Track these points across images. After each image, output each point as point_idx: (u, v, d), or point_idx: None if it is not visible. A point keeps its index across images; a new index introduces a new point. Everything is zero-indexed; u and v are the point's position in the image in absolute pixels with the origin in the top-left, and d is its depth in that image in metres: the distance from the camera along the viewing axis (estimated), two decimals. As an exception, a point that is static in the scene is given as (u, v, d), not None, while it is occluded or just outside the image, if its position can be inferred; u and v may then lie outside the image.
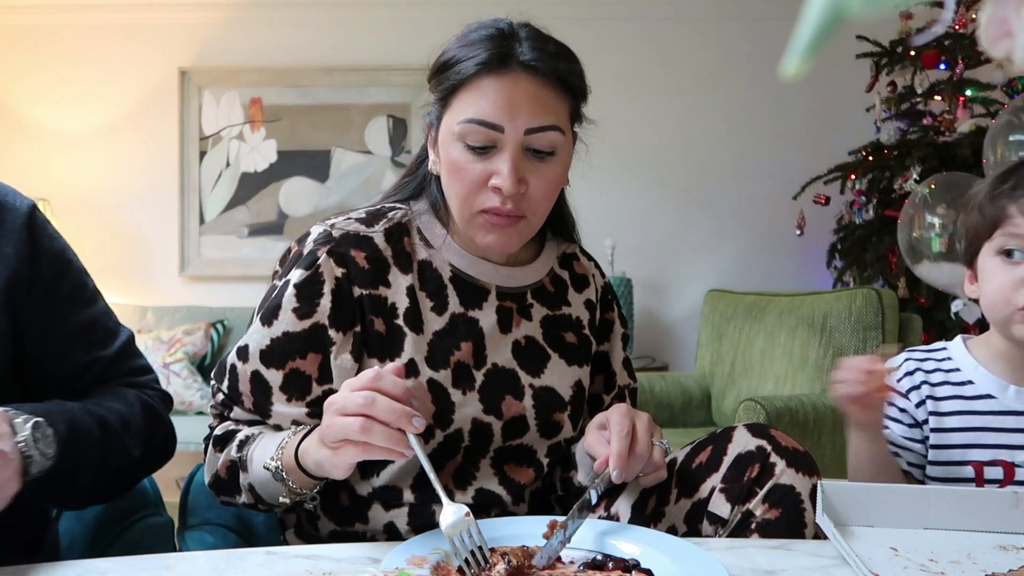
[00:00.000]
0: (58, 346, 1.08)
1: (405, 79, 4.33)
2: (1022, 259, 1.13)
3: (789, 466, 1.04)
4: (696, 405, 3.61)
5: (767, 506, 1.03)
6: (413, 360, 1.12)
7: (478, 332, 1.16)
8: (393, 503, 1.13)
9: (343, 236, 1.12)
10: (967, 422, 1.21)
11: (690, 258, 4.39)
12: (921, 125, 3.47)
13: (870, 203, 3.55)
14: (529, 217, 1.10)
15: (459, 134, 1.08)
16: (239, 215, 4.45)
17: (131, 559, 0.93)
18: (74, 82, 4.39)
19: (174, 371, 3.82)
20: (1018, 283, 1.13)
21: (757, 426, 1.09)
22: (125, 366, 1.14)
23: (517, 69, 1.06)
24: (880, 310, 2.96)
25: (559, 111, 1.09)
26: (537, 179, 1.08)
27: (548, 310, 1.23)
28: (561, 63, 1.09)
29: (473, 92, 1.07)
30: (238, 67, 4.42)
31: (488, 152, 1.07)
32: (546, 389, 1.19)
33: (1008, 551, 0.96)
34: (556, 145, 1.09)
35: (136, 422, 1.08)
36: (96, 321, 1.12)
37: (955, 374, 1.24)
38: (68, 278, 1.10)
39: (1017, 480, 1.18)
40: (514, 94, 1.06)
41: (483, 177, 1.07)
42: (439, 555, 0.89)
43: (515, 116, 1.05)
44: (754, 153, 4.35)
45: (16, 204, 1.06)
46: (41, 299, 1.06)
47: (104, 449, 1.02)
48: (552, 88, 1.08)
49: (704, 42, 4.36)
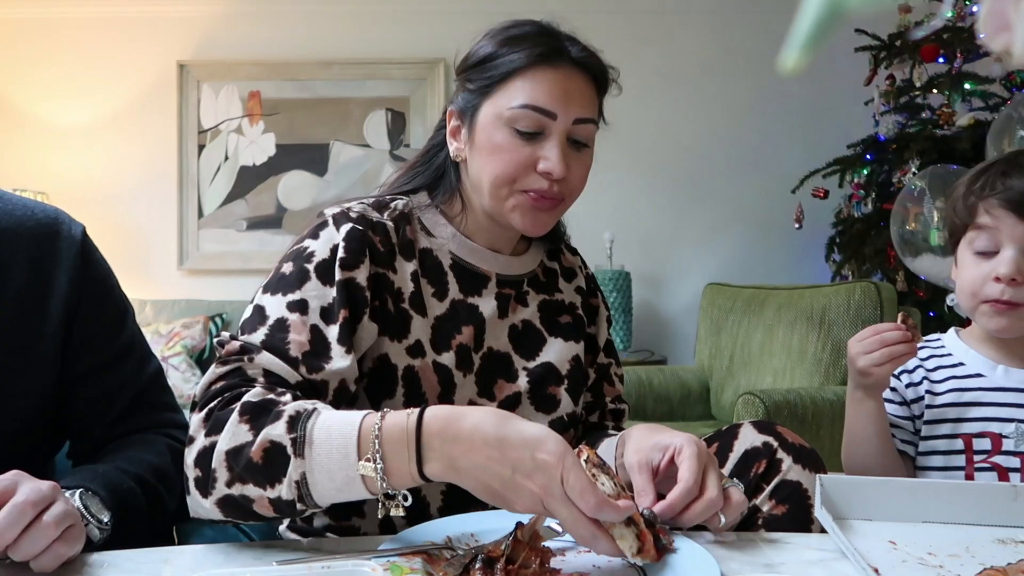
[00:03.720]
0: (92, 369, 1.10)
1: (404, 73, 4.34)
2: (988, 254, 1.21)
3: (796, 462, 1.05)
4: (695, 399, 3.61)
5: (774, 502, 1.04)
6: (420, 341, 1.13)
7: (479, 317, 1.18)
8: None
9: (360, 217, 1.13)
10: (959, 398, 1.28)
11: (689, 252, 4.39)
12: (920, 119, 3.47)
13: (869, 197, 3.55)
14: (567, 200, 1.16)
15: (509, 119, 1.12)
16: (238, 208, 4.45)
17: (129, 552, 0.93)
18: (73, 76, 4.38)
19: (172, 364, 3.82)
20: (984, 278, 1.21)
21: (763, 423, 1.11)
22: (154, 400, 1.15)
23: (569, 64, 1.14)
24: (879, 303, 2.97)
25: (596, 106, 1.18)
26: (575, 167, 1.15)
27: (545, 295, 1.27)
28: (600, 63, 1.19)
29: (527, 81, 1.12)
30: (237, 61, 4.41)
31: (535, 138, 1.12)
32: (541, 365, 1.21)
33: (1006, 544, 0.96)
34: (591, 137, 1.18)
35: (170, 473, 1.08)
36: (131, 348, 1.14)
37: (948, 358, 1.32)
38: (110, 304, 1.13)
39: (1005, 450, 1.23)
40: (568, 86, 1.13)
41: (530, 161, 1.12)
42: (431, 547, 0.89)
43: (568, 106, 1.12)
44: (753, 146, 4.34)
45: (72, 232, 1.10)
46: (84, 323, 1.08)
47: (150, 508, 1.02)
48: (594, 85, 1.17)
49: (703, 36, 4.36)
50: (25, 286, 1.04)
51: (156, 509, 1.04)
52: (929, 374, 1.31)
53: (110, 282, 1.15)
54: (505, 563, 0.82)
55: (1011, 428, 1.23)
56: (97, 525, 0.91)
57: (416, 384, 1.12)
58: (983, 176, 1.23)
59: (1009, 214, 1.18)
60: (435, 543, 0.89)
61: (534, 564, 0.84)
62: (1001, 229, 1.19)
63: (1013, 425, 1.24)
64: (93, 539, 0.91)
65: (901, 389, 1.31)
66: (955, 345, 1.33)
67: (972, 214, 1.23)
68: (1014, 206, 1.18)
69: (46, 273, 1.06)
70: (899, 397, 1.32)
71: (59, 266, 1.07)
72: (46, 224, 1.08)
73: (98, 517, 0.92)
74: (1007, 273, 1.17)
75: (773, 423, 1.11)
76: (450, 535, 0.92)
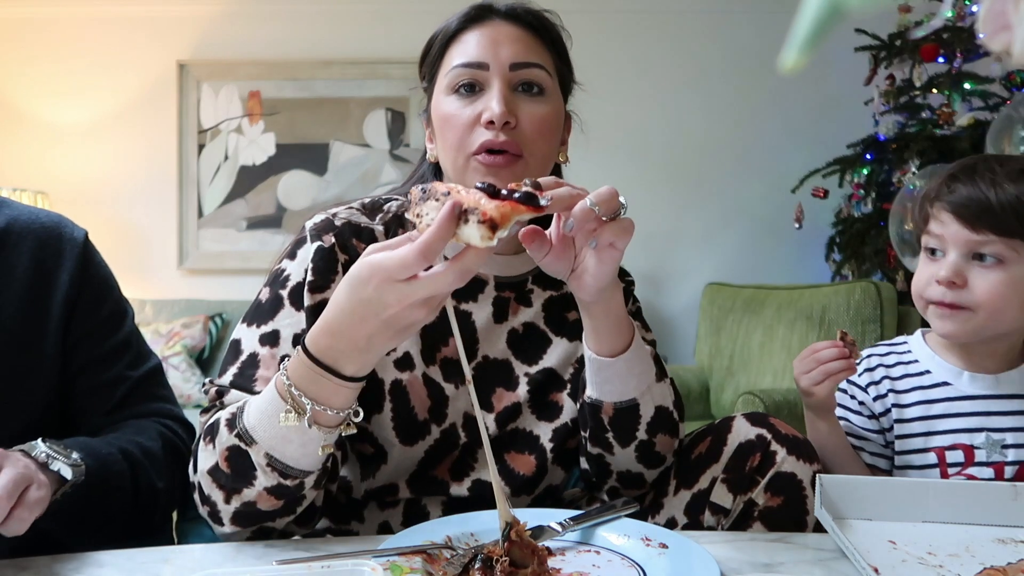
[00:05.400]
0: (91, 362, 1.14)
1: (403, 72, 4.33)
2: (938, 257, 1.22)
3: (790, 454, 1.05)
4: (695, 398, 3.61)
5: (769, 494, 1.04)
6: (409, 354, 1.11)
7: (470, 326, 1.14)
8: (388, 501, 1.13)
9: (345, 225, 1.11)
10: (927, 411, 1.27)
11: (688, 251, 4.39)
12: (920, 118, 3.47)
13: (868, 196, 3.54)
14: (526, 157, 1.07)
15: (447, 87, 1.09)
16: (237, 208, 4.44)
17: (130, 552, 0.93)
18: (72, 75, 4.38)
19: (172, 364, 3.82)
20: (928, 279, 1.23)
21: (756, 415, 1.10)
22: (150, 392, 1.19)
23: (498, 17, 1.11)
24: (879, 303, 2.97)
25: (542, 55, 1.11)
26: (527, 115, 1.08)
27: (552, 291, 1.20)
28: (539, 14, 1.13)
29: (457, 45, 1.11)
30: (236, 60, 4.41)
31: (476, 94, 1.08)
32: (543, 371, 1.16)
33: (1006, 544, 0.96)
34: (544, 83, 1.10)
35: (155, 452, 1.10)
36: (128, 343, 1.18)
37: (914, 365, 1.31)
38: (109, 302, 1.18)
39: (978, 462, 1.23)
40: (496, 36, 1.09)
41: (473, 118, 1.07)
42: (431, 547, 0.89)
43: (498, 52, 1.08)
44: (753, 146, 4.34)
45: (74, 235, 1.15)
46: (84, 320, 1.13)
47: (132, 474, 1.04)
48: (533, 34, 1.11)
49: (702, 35, 4.35)
50: (30, 286, 1.09)
51: (141, 481, 1.06)
52: (894, 384, 1.30)
53: (110, 283, 1.19)
54: (505, 563, 0.82)
55: (982, 438, 1.23)
56: (67, 461, 0.93)
57: (404, 399, 1.10)
58: (940, 180, 1.25)
59: (953, 219, 1.20)
60: (435, 543, 0.89)
61: (533, 564, 0.84)
62: (945, 234, 1.21)
63: (983, 435, 1.23)
64: (69, 477, 0.92)
65: (869, 403, 1.30)
66: (920, 350, 1.32)
67: (924, 219, 1.25)
68: (957, 210, 1.19)
69: (49, 272, 1.11)
70: (867, 411, 1.31)
71: (61, 266, 1.12)
72: (50, 227, 1.13)
73: (67, 454, 0.94)
74: (945, 276, 1.19)
75: (766, 415, 1.10)
76: (450, 535, 0.92)
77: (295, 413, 0.86)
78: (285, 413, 0.86)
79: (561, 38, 1.16)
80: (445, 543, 0.90)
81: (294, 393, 0.86)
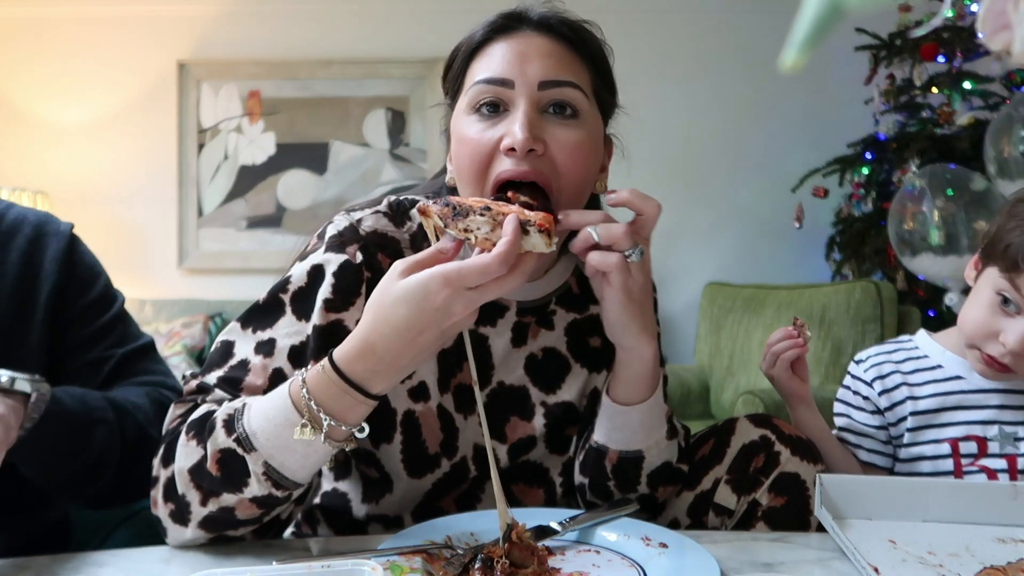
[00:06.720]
0: (78, 344, 1.15)
1: (403, 72, 4.33)
2: (1011, 311, 1.16)
3: (794, 454, 1.05)
4: (695, 398, 3.61)
5: (773, 495, 1.04)
6: (424, 383, 1.04)
7: (486, 351, 1.06)
8: (393, 526, 1.10)
9: (371, 235, 1.01)
10: (942, 403, 1.27)
11: (688, 251, 4.39)
12: (920, 118, 3.46)
13: (868, 196, 3.54)
14: (554, 188, 0.94)
15: (469, 105, 0.97)
16: (237, 208, 4.44)
17: (129, 552, 0.93)
18: (72, 75, 4.38)
19: (172, 364, 3.82)
20: (994, 333, 1.17)
21: (759, 416, 1.10)
22: (140, 365, 1.19)
23: (528, 28, 0.98)
24: (879, 303, 2.97)
25: (578, 72, 0.98)
26: (557, 141, 0.94)
27: (576, 314, 1.11)
28: (576, 25, 1.00)
29: (482, 59, 0.98)
30: (236, 60, 4.41)
31: (500, 114, 0.95)
32: (561, 404, 1.10)
33: (1006, 543, 0.96)
34: (578, 104, 0.96)
35: (144, 407, 1.10)
36: (115, 325, 1.20)
37: (925, 360, 1.31)
38: (97, 288, 1.20)
39: (991, 453, 1.23)
40: (525, 48, 0.96)
41: (493, 143, 0.94)
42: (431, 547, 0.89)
43: (525, 69, 0.94)
44: (753, 145, 4.34)
45: (60, 229, 1.18)
46: (71, 306, 1.15)
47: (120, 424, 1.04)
48: (568, 48, 0.98)
49: (703, 34, 4.35)
50: (18, 280, 1.11)
51: (128, 427, 1.05)
52: (907, 377, 1.29)
53: (96, 270, 1.21)
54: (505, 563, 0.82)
55: (994, 431, 1.23)
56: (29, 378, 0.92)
57: (416, 432, 1.05)
58: None
59: None
60: (435, 542, 0.89)
61: (533, 563, 0.84)
62: None
63: (996, 427, 1.23)
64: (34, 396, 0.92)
65: (874, 397, 1.30)
66: (930, 347, 1.31)
67: (1014, 267, 1.14)
68: None
69: (37, 264, 1.13)
70: (871, 406, 1.30)
71: (48, 256, 1.14)
72: (36, 225, 1.16)
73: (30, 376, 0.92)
74: (1013, 346, 1.14)
75: (769, 416, 1.11)
76: (450, 535, 0.92)
77: (311, 428, 0.83)
78: (301, 428, 0.83)
79: (603, 53, 1.04)
80: (445, 543, 0.90)
81: (313, 408, 0.83)
